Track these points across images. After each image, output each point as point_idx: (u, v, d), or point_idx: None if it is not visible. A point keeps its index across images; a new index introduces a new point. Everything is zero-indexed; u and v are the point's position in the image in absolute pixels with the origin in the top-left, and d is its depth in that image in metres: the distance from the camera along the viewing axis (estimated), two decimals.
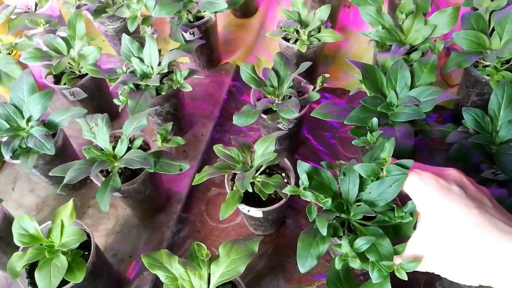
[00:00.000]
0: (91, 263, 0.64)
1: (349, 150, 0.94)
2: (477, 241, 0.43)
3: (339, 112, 0.75)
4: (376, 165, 0.60)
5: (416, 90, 0.74)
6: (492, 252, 0.42)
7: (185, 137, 0.95)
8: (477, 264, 0.43)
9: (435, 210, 0.46)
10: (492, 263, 0.42)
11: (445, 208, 0.45)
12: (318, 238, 0.61)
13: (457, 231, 0.44)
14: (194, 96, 1.03)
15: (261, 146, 0.71)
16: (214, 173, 0.69)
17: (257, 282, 0.78)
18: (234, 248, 0.61)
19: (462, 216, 0.44)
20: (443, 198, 0.46)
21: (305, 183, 0.62)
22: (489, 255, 0.42)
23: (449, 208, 0.45)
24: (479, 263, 0.43)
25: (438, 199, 0.46)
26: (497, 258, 0.42)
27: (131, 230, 0.84)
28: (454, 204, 0.45)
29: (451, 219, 0.45)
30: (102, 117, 0.74)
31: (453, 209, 0.45)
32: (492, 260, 0.42)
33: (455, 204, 0.45)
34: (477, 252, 0.43)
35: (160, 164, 0.71)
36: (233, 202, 0.69)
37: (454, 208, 0.45)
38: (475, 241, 0.43)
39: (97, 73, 0.83)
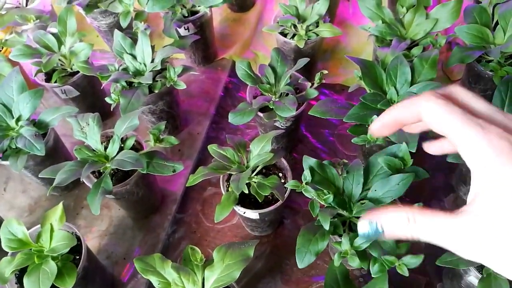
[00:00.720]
0: (82, 268, 0.62)
1: (348, 148, 0.91)
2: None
3: (337, 110, 0.73)
4: (399, 160, 0.60)
5: (417, 86, 0.71)
6: None
7: (180, 136, 0.94)
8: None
9: (505, 184, 0.28)
10: None
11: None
12: (318, 235, 0.60)
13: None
14: (189, 93, 1.00)
15: (257, 146, 0.69)
16: (209, 175, 0.67)
17: (255, 284, 0.76)
18: (229, 253, 0.59)
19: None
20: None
21: (308, 178, 0.61)
22: None
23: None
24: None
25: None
26: None
27: (125, 231, 0.82)
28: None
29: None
30: (93, 116, 0.72)
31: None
32: None
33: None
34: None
35: (153, 165, 0.68)
36: (228, 204, 0.67)
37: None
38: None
39: (88, 70, 0.80)
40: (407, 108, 0.34)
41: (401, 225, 0.31)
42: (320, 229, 0.61)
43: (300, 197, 0.84)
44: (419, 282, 0.75)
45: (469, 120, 0.30)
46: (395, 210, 0.31)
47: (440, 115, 0.31)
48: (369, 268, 0.58)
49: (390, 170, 0.63)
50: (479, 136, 0.29)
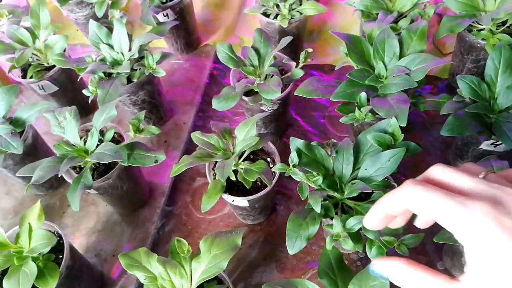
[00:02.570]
0: (65, 267, 0.60)
1: (339, 129, 0.89)
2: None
3: (324, 89, 0.70)
4: (389, 136, 0.57)
5: (406, 59, 0.68)
6: None
7: (165, 126, 0.91)
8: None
9: (494, 261, 0.29)
10: None
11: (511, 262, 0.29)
12: (308, 219, 0.57)
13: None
14: (173, 82, 0.97)
15: (242, 131, 0.66)
16: (193, 163, 0.64)
17: (249, 274, 0.74)
18: (216, 243, 0.56)
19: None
20: (508, 248, 0.28)
21: (295, 160, 0.58)
22: None
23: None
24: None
25: (499, 247, 0.29)
26: None
27: (113, 227, 0.80)
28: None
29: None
30: (70, 110, 0.69)
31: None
32: None
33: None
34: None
35: (134, 157, 0.66)
36: (215, 192, 0.64)
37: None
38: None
39: (64, 63, 0.77)
40: (392, 201, 0.35)
41: (402, 279, 0.34)
42: (310, 212, 0.59)
43: (292, 182, 0.82)
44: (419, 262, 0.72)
45: (452, 201, 0.30)
46: (398, 262, 0.34)
47: (424, 203, 0.32)
48: (365, 251, 0.55)
49: (381, 147, 0.60)
50: (463, 216, 0.30)
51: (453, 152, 0.80)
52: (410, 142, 0.62)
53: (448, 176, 0.34)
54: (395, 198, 0.35)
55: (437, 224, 0.33)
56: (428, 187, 0.32)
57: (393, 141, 0.62)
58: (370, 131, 0.63)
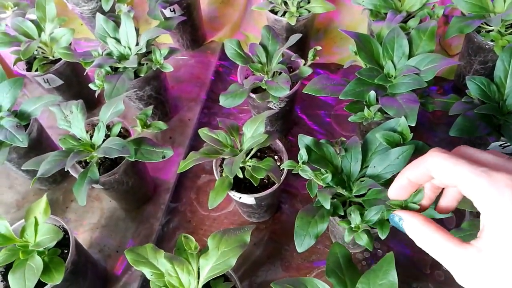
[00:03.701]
0: (70, 262, 0.59)
1: (345, 128, 0.88)
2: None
3: (333, 87, 0.69)
4: (398, 135, 0.57)
5: (416, 59, 0.68)
6: None
7: (170, 123, 0.91)
8: None
9: (510, 229, 0.30)
10: None
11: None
12: (317, 217, 0.57)
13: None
14: (178, 78, 0.97)
15: (250, 128, 0.65)
16: (200, 159, 0.63)
17: (254, 272, 0.74)
18: (224, 240, 0.56)
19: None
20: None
21: (304, 157, 0.58)
22: None
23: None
24: None
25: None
26: None
27: (117, 223, 0.79)
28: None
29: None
30: (76, 103, 0.68)
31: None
32: None
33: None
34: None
35: (141, 152, 0.65)
36: (223, 189, 0.63)
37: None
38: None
39: (70, 56, 0.76)
40: (417, 167, 0.36)
41: (415, 233, 0.35)
42: (319, 210, 0.58)
43: (298, 180, 0.82)
44: (425, 261, 0.72)
45: (476, 170, 0.32)
46: (416, 216, 0.36)
47: (448, 168, 0.33)
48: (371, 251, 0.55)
49: (389, 145, 0.60)
50: (487, 184, 0.31)
51: None
52: (418, 141, 0.62)
53: (472, 151, 0.35)
54: (420, 166, 0.35)
55: None
56: (453, 155, 0.33)
57: (402, 140, 0.62)
58: (379, 130, 0.63)
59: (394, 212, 0.38)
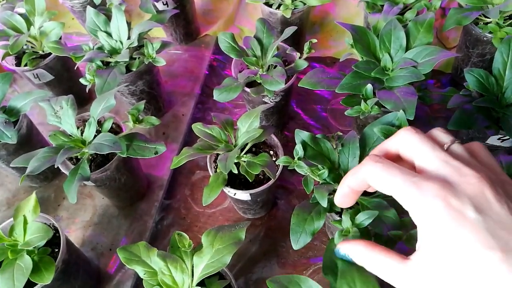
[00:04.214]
0: (61, 261, 0.58)
1: (342, 123, 0.87)
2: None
3: (329, 81, 0.68)
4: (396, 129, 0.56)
5: (413, 51, 0.67)
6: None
7: (164, 118, 0.89)
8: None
9: (440, 241, 0.30)
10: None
11: (454, 243, 0.30)
12: (313, 213, 0.56)
13: (468, 277, 0.29)
14: (172, 73, 0.95)
15: (245, 123, 0.64)
16: (194, 155, 0.62)
17: (250, 269, 0.73)
18: (219, 237, 0.54)
19: (477, 259, 0.29)
20: (452, 229, 0.30)
21: (300, 152, 0.57)
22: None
23: (460, 245, 0.29)
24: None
25: (445, 228, 0.30)
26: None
27: (110, 221, 0.78)
28: (467, 239, 0.29)
29: (461, 261, 0.29)
30: (66, 98, 0.66)
31: (465, 247, 0.29)
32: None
33: (469, 240, 0.29)
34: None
35: (133, 148, 0.64)
36: (217, 185, 0.62)
37: (467, 246, 0.29)
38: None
39: (60, 51, 0.74)
40: (355, 176, 0.36)
41: (361, 259, 0.36)
42: (315, 207, 0.57)
43: (294, 176, 0.81)
44: None
45: (407, 180, 0.32)
46: (357, 244, 0.37)
47: (381, 179, 0.33)
48: None
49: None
50: (417, 196, 0.31)
51: None
52: None
53: (412, 146, 0.34)
54: (357, 175, 0.36)
55: None
56: (386, 165, 0.33)
57: None
58: (376, 124, 0.61)
59: (337, 246, 0.39)
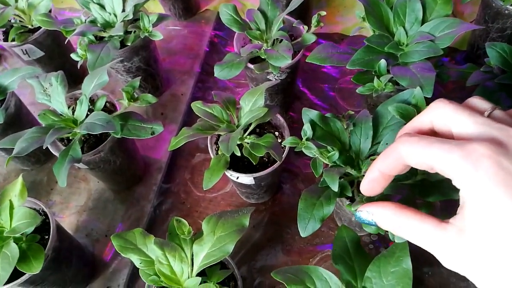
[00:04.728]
0: (51, 249, 0.54)
1: (351, 103, 0.82)
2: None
3: (339, 56, 0.63)
4: (412, 108, 0.51)
5: (430, 24, 0.62)
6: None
7: (162, 97, 0.84)
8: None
9: (489, 205, 0.27)
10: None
11: (507, 207, 0.26)
12: (322, 198, 0.52)
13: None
14: (170, 50, 0.90)
15: (249, 101, 0.59)
16: (194, 136, 0.58)
17: (253, 257, 0.69)
18: (221, 223, 0.50)
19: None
20: (504, 191, 0.26)
21: (309, 133, 0.52)
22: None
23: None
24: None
25: (495, 191, 0.27)
26: None
27: (106, 205, 0.74)
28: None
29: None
30: (56, 75, 0.62)
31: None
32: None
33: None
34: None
35: (128, 128, 0.59)
36: (218, 168, 0.58)
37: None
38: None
39: (50, 24, 0.69)
40: (388, 158, 0.33)
41: (390, 223, 0.32)
42: (324, 191, 0.53)
43: (299, 158, 0.76)
44: None
45: (447, 145, 0.29)
46: (386, 206, 0.33)
47: (420, 154, 0.30)
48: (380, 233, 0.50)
49: (403, 120, 0.54)
50: (460, 158, 0.28)
51: None
52: None
53: (448, 118, 0.31)
54: (391, 156, 0.33)
55: None
56: (423, 137, 0.31)
57: (417, 114, 0.56)
58: (391, 102, 0.57)
59: (361, 207, 0.35)
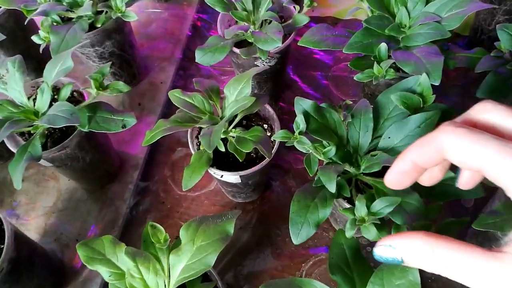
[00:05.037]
0: (6, 261, 0.47)
1: (345, 92, 0.76)
2: None
3: (335, 39, 0.57)
4: (417, 97, 0.45)
5: (435, 4, 0.56)
6: None
7: (140, 86, 0.77)
8: None
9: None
10: None
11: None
12: (317, 200, 0.45)
13: None
14: (149, 35, 0.82)
15: (234, 89, 0.53)
16: (171, 129, 0.51)
17: (240, 261, 0.63)
18: (201, 231, 0.44)
19: None
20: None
21: (302, 125, 0.46)
22: None
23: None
24: None
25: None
26: None
27: (77, 206, 0.67)
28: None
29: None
30: (13, 60, 0.54)
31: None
32: None
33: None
34: None
35: (96, 120, 0.52)
36: (200, 166, 0.51)
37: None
38: None
39: (7, 2, 0.61)
40: (425, 148, 0.28)
41: (422, 259, 0.26)
42: (319, 192, 0.47)
43: (290, 153, 0.70)
44: None
45: (505, 146, 0.24)
46: (414, 237, 0.26)
47: (467, 149, 0.25)
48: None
49: (408, 110, 0.48)
50: None
51: None
52: (441, 105, 0.51)
53: (499, 116, 0.27)
54: (430, 143, 0.27)
55: None
56: (475, 131, 0.25)
57: (422, 104, 0.50)
58: (393, 90, 0.51)
59: (379, 242, 0.28)
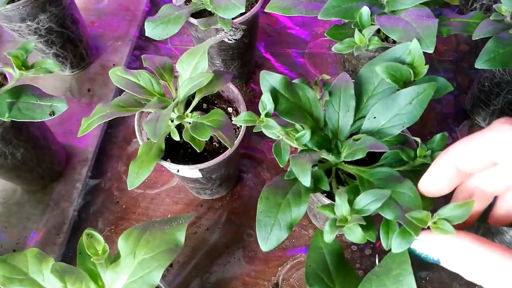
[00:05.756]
0: None
1: (324, 71, 0.68)
2: None
3: (308, 4, 0.48)
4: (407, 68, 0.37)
5: None
6: None
7: (89, 70, 0.68)
8: None
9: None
10: None
11: None
12: (290, 196, 0.37)
13: None
14: (101, 11, 0.72)
15: (188, 65, 0.44)
16: (112, 114, 0.42)
17: (207, 267, 0.54)
18: (144, 240, 0.35)
19: None
20: None
21: (269, 106, 0.38)
22: None
23: None
24: None
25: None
26: None
27: (15, 210, 0.57)
28: None
29: None
30: None
31: None
32: None
33: None
34: None
35: (19, 107, 0.42)
36: (149, 159, 0.43)
37: None
38: None
39: None
40: (472, 150, 0.24)
41: (463, 264, 0.23)
42: (292, 186, 0.38)
43: (263, 141, 0.61)
44: None
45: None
46: (458, 237, 0.24)
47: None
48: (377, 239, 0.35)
49: (396, 84, 0.40)
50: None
51: (473, 97, 0.61)
52: (436, 77, 0.43)
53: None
54: (478, 142, 0.24)
55: None
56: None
57: (413, 76, 0.42)
58: (378, 61, 0.42)
59: (420, 235, 0.25)
